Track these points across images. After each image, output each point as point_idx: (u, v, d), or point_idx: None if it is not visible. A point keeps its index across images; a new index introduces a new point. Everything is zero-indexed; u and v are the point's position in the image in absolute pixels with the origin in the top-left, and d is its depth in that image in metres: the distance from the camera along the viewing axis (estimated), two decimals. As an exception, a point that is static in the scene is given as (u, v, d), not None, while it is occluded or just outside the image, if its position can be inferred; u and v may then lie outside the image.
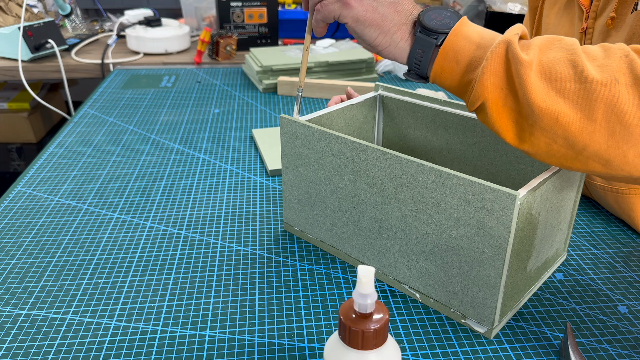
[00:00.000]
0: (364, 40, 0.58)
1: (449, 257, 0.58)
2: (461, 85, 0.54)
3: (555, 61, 0.50)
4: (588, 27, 0.76)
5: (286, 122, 0.69)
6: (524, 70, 0.49)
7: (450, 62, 0.54)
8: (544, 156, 0.52)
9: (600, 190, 0.81)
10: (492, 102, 0.52)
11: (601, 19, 0.74)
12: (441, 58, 0.54)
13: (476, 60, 0.53)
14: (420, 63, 0.56)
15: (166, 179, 0.93)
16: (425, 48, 0.55)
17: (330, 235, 0.71)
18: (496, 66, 0.51)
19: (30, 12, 1.81)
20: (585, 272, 0.70)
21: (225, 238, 0.76)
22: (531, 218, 0.55)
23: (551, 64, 0.50)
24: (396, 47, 0.57)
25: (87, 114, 1.21)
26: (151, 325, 0.60)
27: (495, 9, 1.79)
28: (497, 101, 0.52)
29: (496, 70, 0.51)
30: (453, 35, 0.54)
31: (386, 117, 0.83)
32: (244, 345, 0.58)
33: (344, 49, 1.53)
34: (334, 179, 0.67)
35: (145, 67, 1.58)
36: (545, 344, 0.58)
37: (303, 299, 0.65)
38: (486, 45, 0.53)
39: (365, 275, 0.39)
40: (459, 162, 0.77)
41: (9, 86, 2.05)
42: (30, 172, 0.95)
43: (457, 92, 0.56)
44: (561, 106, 0.49)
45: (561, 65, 0.49)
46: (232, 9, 1.65)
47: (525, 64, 0.49)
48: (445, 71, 0.55)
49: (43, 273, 0.69)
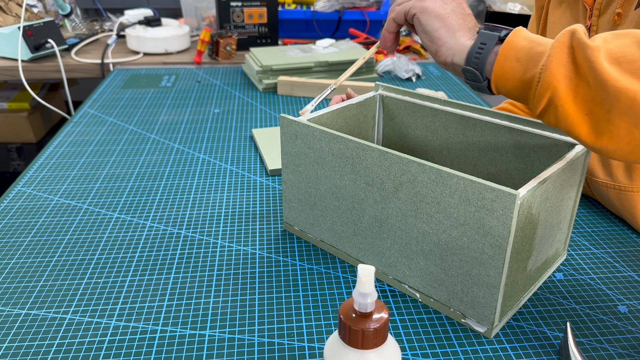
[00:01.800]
0: (426, 30, 0.60)
1: (449, 256, 0.58)
2: (524, 83, 0.53)
3: (623, 46, 0.48)
4: (592, 25, 0.76)
5: (286, 121, 0.69)
6: (592, 52, 0.48)
7: (511, 62, 0.53)
8: (625, 150, 0.49)
9: (602, 187, 0.80)
10: (563, 94, 0.50)
11: (605, 15, 0.74)
12: (501, 58, 0.54)
13: (537, 55, 0.52)
14: (480, 56, 0.56)
15: (166, 179, 0.93)
16: (488, 41, 0.55)
17: (330, 234, 0.71)
18: (562, 55, 0.50)
19: (30, 12, 1.81)
20: (585, 271, 0.70)
21: (225, 238, 0.76)
22: (531, 218, 0.55)
23: (619, 49, 0.48)
24: (457, 43, 0.58)
25: (87, 114, 1.21)
26: (151, 324, 0.60)
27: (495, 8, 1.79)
28: (568, 93, 0.50)
29: (562, 59, 0.50)
30: (512, 36, 0.54)
31: (386, 116, 0.83)
32: (244, 344, 0.58)
33: (344, 48, 1.53)
34: (334, 178, 0.67)
35: (145, 67, 1.58)
36: (545, 344, 0.58)
37: (303, 298, 0.65)
38: (545, 43, 0.52)
39: (366, 274, 0.39)
40: (459, 161, 0.77)
41: (8, 86, 2.04)
42: (30, 171, 0.95)
43: (521, 94, 0.54)
44: (638, 85, 0.47)
45: (630, 48, 0.48)
46: (232, 8, 1.65)
47: (592, 47, 0.48)
48: (506, 71, 0.54)
49: (43, 272, 0.69)
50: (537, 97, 0.52)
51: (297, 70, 1.40)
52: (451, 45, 0.58)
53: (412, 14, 0.61)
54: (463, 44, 0.58)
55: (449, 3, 0.60)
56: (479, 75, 0.57)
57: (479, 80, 0.57)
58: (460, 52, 0.58)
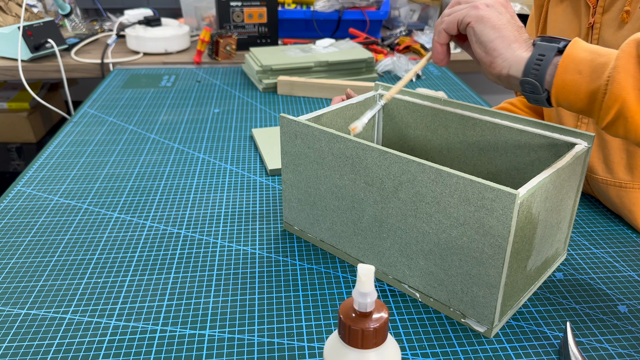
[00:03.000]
0: (481, 41, 0.58)
1: (448, 256, 0.58)
2: (587, 96, 0.52)
3: None
4: (595, 22, 0.75)
5: (286, 121, 0.69)
6: None
7: (572, 74, 0.52)
8: None
9: (602, 184, 0.80)
10: (633, 105, 0.49)
11: (610, 13, 0.74)
12: (562, 71, 0.53)
13: (600, 67, 0.50)
14: (539, 68, 0.54)
15: (166, 179, 0.93)
16: (547, 52, 0.54)
17: (330, 234, 0.71)
18: (629, 66, 0.48)
19: (30, 11, 1.81)
20: (585, 271, 0.70)
21: (225, 237, 0.76)
22: (531, 217, 0.55)
23: None
24: (513, 54, 0.56)
25: (87, 114, 1.21)
26: (151, 324, 0.60)
27: (495, 8, 1.78)
28: (638, 104, 0.49)
29: (629, 70, 0.48)
30: (572, 47, 0.52)
31: (386, 116, 0.83)
32: (244, 344, 0.58)
33: (344, 48, 1.53)
34: (334, 178, 0.67)
35: (145, 66, 1.58)
36: (545, 344, 0.58)
37: (303, 298, 0.65)
38: (607, 54, 0.51)
39: (365, 273, 0.39)
40: (459, 161, 0.77)
41: (8, 86, 2.04)
42: (29, 171, 0.95)
43: (584, 106, 0.53)
44: None
45: None
46: (231, 8, 1.65)
47: None
48: (567, 84, 0.53)
49: (42, 272, 0.69)
50: (604, 109, 0.51)
51: (297, 70, 1.40)
52: (507, 56, 0.57)
53: (466, 22, 0.59)
54: (520, 55, 0.56)
55: (504, 13, 0.58)
56: (538, 87, 0.55)
57: (538, 92, 0.56)
58: (517, 64, 0.56)
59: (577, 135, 0.64)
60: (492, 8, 0.58)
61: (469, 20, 0.58)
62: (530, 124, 0.67)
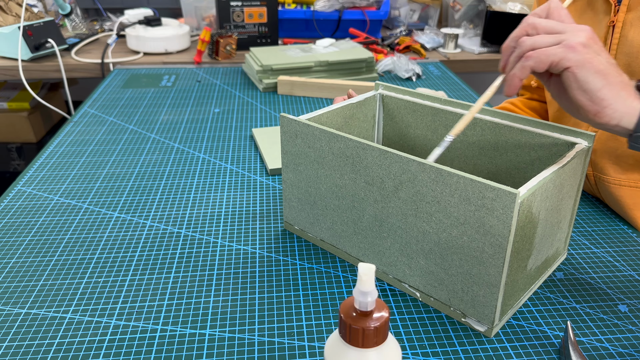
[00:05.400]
0: (585, 89, 0.53)
1: (449, 255, 0.58)
2: None
3: None
4: (617, 21, 0.73)
5: (286, 121, 0.69)
6: None
7: None
8: None
9: (613, 185, 0.79)
10: None
11: (635, 12, 0.72)
12: None
13: None
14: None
15: (166, 178, 0.93)
16: None
17: (330, 234, 0.71)
18: None
19: (30, 11, 1.81)
20: (586, 270, 0.70)
21: (225, 237, 0.76)
22: (531, 217, 0.55)
23: None
24: (624, 104, 0.53)
25: (87, 114, 1.21)
26: (151, 324, 0.60)
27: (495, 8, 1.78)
28: None
29: None
30: None
31: (386, 115, 0.83)
32: (244, 344, 0.58)
33: (344, 48, 1.53)
34: (334, 177, 0.67)
35: (145, 66, 1.58)
36: (545, 343, 0.58)
37: (303, 297, 0.65)
38: None
39: (366, 272, 0.38)
40: (459, 160, 0.77)
41: (8, 86, 2.04)
42: (30, 171, 0.95)
43: None
44: None
45: None
46: (232, 8, 1.65)
47: None
48: None
49: (43, 272, 0.69)
50: None
51: (297, 70, 1.40)
52: (618, 107, 0.53)
53: (564, 66, 0.53)
54: (631, 105, 0.53)
55: (600, 53, 0.54)
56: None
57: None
58: (629, 116, 0.53)
59: (577, 135, 0.64)
60: (589, 49, 0.53)
61: (568, 65, 0.53)
62: (530, 124, 0.67)
